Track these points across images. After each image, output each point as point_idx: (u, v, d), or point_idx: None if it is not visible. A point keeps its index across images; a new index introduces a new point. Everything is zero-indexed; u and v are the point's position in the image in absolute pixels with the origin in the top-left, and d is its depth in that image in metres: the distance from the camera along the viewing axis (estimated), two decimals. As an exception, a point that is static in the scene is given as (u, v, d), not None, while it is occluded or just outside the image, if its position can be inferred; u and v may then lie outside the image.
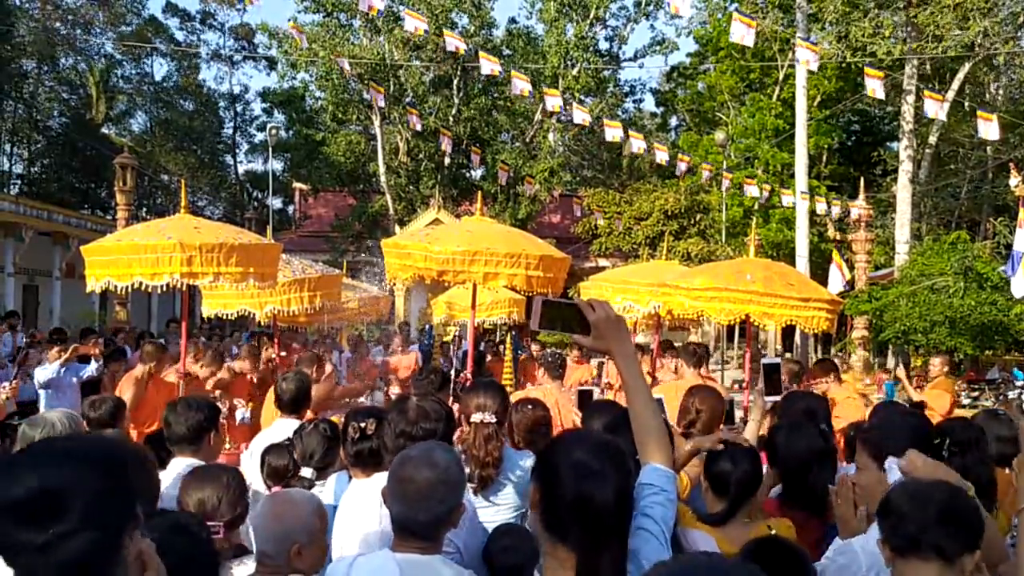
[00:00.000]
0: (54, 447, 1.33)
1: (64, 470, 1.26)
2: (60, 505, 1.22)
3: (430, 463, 2.12)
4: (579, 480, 1.71)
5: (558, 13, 26.53)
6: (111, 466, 1.31)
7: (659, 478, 1.89)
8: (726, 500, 2.78)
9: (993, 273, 14.76)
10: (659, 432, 1.95)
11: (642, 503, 1.83)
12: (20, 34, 31.88)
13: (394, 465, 2.16)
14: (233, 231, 6.50)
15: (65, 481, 1.25)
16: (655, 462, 1.91)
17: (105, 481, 1.28)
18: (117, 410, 4.34)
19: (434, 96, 26.82)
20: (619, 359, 1.96)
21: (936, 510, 2.03)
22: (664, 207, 27.40)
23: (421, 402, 2.98)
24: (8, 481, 1.25)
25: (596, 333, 1.93)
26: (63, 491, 1.23)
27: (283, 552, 2.34)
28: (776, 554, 2.42)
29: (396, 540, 2.14)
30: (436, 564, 2.10)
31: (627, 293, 8.39)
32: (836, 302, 7.07)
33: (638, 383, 1.98)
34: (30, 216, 19.79)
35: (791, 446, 3.14)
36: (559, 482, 1.73)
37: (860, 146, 29.99)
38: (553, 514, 1.73)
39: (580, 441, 1.85)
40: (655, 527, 1.81)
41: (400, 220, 26.29)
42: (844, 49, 19.13)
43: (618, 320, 1.96)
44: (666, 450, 1.95)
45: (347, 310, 10.84)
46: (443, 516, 2.12)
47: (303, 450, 3.55)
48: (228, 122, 44.62)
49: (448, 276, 6.33)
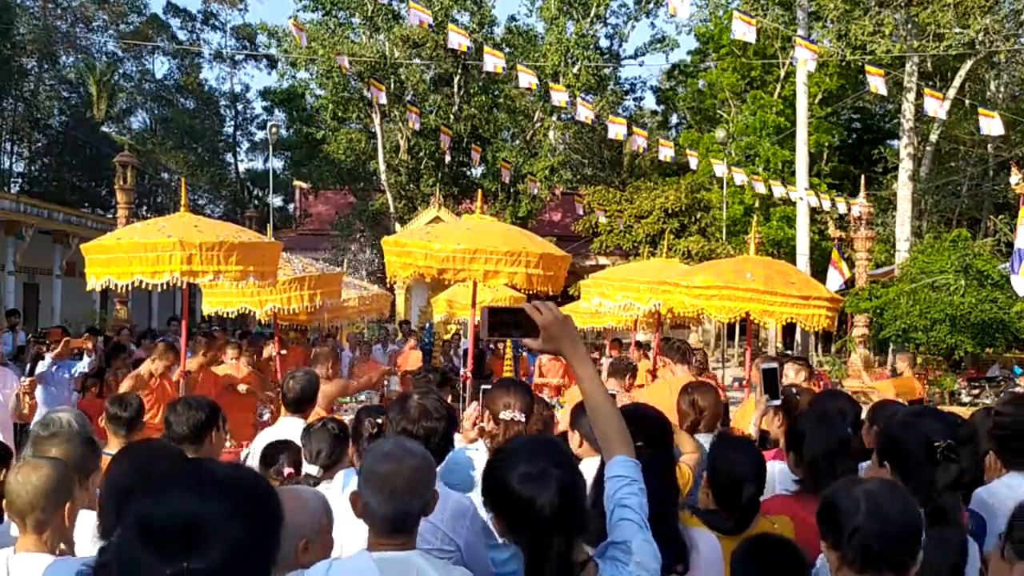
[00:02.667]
0: (215, 476, 1.23)
1: (220, 505, 1.17)
2: (202, 540, 1.14)
3: (411, 453, 2.11)
4: (520, 486, 1.87)
5: (558, 11, 26.51)
6: (267, 516, 1.23)
7: (628, 469, 1.97)
8: (734, 515, 2.77)
9: (994, 271, 14.75)
10: (619, 424, 2.02)
11: (617, 495, 1.93)
12: (21, 32, 31.87)
13: (372, 461, 2.11)
14: (233, 229, 6.50)
15: (217, 516, 1.16)
16: (620, 453, 1.98)
17: (255, 530, 1.20)
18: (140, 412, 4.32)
19: (434, 94, 26.81)
20: (571, 358, 2.03)
21: (898, 527, 1.94)
22: (665, 205, 27.39)
23: (422, 400, 2.98)
24: (154, 500, 1.17)
25: (545, 335, 1.97)
26: (211, 527, 1.15)
27: (290, 547, 2.34)
28: (773, 551, 2.43)
29: (373, 539, 2.09)
30: (415, 559, 2.06)
31: (628, 291, 8.38)
32: (837, 300, 7.08)
33: (593, 379, 2.04)
34: (30, 215, 19.78)
35: (818, 436, 3.11)
36: (506, 489, 1.89)
37: (861, 144, 29.97)
38: (505, 517, 1.92)
39: (521, 448, 2.01)
40: (635, 515, 1.91)
41: (401, 218, 26.28)
42: (845, 47, 19.11)
43: (565, 320, 2.01)
44: (629, 441, 2.02)
45: (347, 308, 10.83)
46: (429, 505, 2.11)
47: (310, 449, 3.55)
48: (228, 120, 44.63)
49: (448, 274, 6.34)
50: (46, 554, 2.40)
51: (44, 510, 2.41)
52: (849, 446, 3.16)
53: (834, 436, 3.14)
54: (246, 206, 40.10)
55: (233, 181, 43.95)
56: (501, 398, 3.29)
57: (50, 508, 2.42)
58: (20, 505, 2.41)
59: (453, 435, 3.09)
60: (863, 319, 17.17)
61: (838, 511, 1.99)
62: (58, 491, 2.44)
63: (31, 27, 32.99)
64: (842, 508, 1.99)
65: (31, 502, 2.40)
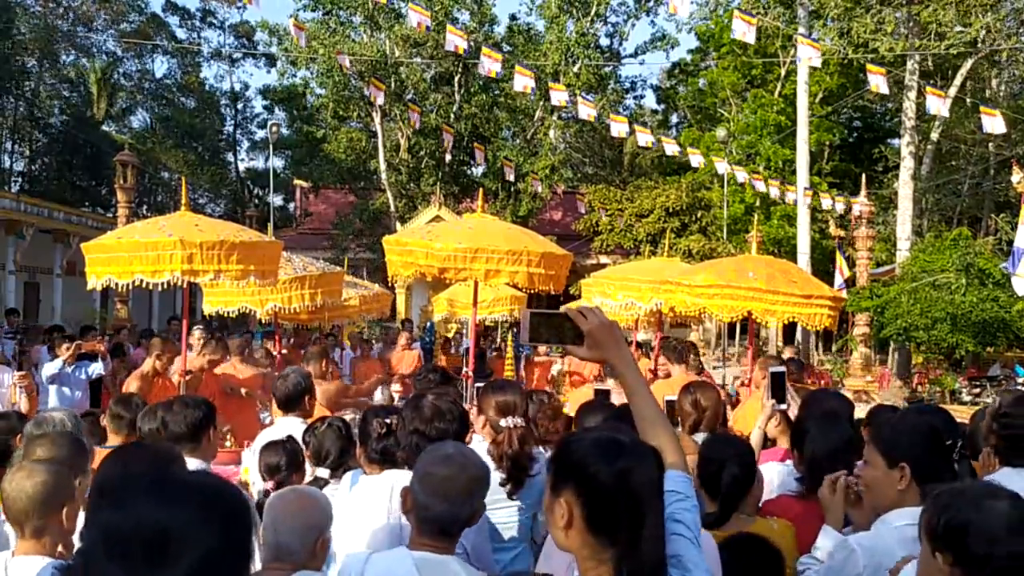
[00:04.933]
0: (184, 484, 1.19)
1: (186, 513, 1.11)
2: (168, 550, 1.08)
3: (472, 462, 2.16)
4: (614, 460, 1.57)
5: (559, 9, 26.48)
6: (235, 524, 1.17)
7: (682, 485, 1.80)
8: (717, 503, 2.79)
9: (995, 269, 14.74)
10: (672, 437, 1.88)
11: (670, 509, 1.73)
12: (21, 31, 31.85)
13: (431, 463, 2.12)
14: (234, 228, 6.48)
15: (185, 526, 1.10)
16: (674, 468, 1.82)
17: (224, 539, 1.13)
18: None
19: (435, 93, 26.78)
20: (619, 366, 1.87)
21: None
22: (665, 204, 27.35)
23: (436, 401, 2.95)
24: (119, 509, 1.11)
25: (590, 342, 1.84)
26: (178, 537, 1.09)
27: (308, 545, 2.36)
28: (751, 551, 2.42)
29: (416, 538, 2.12)
30: (452, 564, 2.09)
31: (629, 290, 8.36)
32: (838, 299, 7.06)
33: (643, 390, 1.89)
34: (31, 214, 19.78)
35: (822, 436, 3.11)
36: (595, 467, 1.58)
37: (862, 142, 29.95)
38: (597, 506, 1.57)
39: (593, 431, 1.77)
40: (689, 532, 1.73)
41: (401, 217, 26.27)
42: (846, 45, 19.09)
43: (612, 326, 1.87)
44: (681, 455, 1.86)
45: (348, 307, 10.79)
46: (476, 514, 2.15)
47: (317, 449, 3.53)
48: (229, 119, 44.58)
49: (450, 273, 6.32)
50: (44, 557, 2.38)
51: (40, 516, 2.39)
52: (853, 446, 3.15)
53: (837, 435, 3.13)
54: (246, 205, 40.08)
55: (233, 180, 43.91)
56: (498, 401, 3.22)
57: (46, 514, 2.40)
58: (16, 512, 2.41)
59: (465, 436, 3.07)
60: (864, 318, 17.16)
61: (970, 533, 1.84)
62: (53, 497, 2.42)
63: (31, 26, 32.96)
64: (978, 530, 1.84)
65: (25, 510, 2.39)
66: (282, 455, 3.51)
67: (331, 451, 3.50)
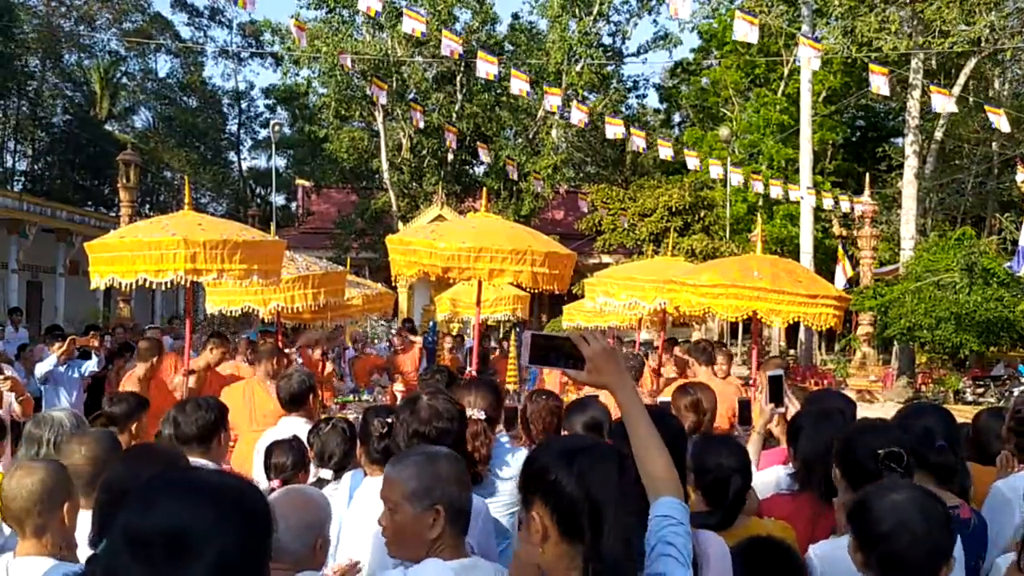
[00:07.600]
0: (203, 484, 1.20)
1: (206, 512, 1.13)
2: (191, 550, 1.10)
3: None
4: (571, 464, 1.69)
5: (561, 9, 26.45)
6: (255, 523, 1.19)
7: (676, 511, 1.83)
8: (720, 509, 2.75)
9: (999, 269, 14.70)
10: (668, 465, 1.87)
11: (661, 532, 1.78)
12: (24, 31, 31.86)
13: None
14: (237, 228, 6.47)
15: (205, 526, 1.12)
16: (668, 495, 1.84)
17: (245, 539, 1.15)
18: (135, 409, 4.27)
19: (437, 92, 26.77)
20: (619, 393, 1.89)
21: (924, 543, 1.96)
22: (668, 203, 27.29)
23: (432, 401, 2.92)
24: (140, 510, 1.12)
25: (591, 366, 1.87)
26: (199, 537, 1.11)
27: (308, 545, 2.35)
28: (769, 554, 2.40)
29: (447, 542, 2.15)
30: (482, 564, 2.11)
31: (633, 290, 8.33)
32: (844, 299, 7.02)
33: (642, 417, 1.89)
34: (34, 213, 19.78)
35: (817, 433, 3.08)
36: (555, 473, 1.69)
37: (865, 142, 29.90)
38: (564, 512, 1.67)
39: (556, 441, 1.94)
40: (679, 553, 1.77)
41: (403, 217, 26.26)
42: (850, 44, 19.04)
43: (612, 352, 1.91)
44: (677, 482, 1.87)
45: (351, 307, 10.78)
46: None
47: (321, 450, 3.52)
48: (232, 119, 44.63)
49: (453, 273, 6.28)
50: (47, 557, 2.36)
51: (40, 514, 2.37)
52: None
53: (830, 435, 3.11)
54: (249, 204, 40.11)
55: (236, 179, 43.96)
56: (465, 396, 3.28)
57: (47, 512, 2.38)
58: (16, 511, 2.38)
59: (465, 436, 3.05)
60: (868, 317, 17.13)
61: (869, 518, 2.00)
62: (54, 494, 2.40)
63: (34, 26, 32.99)
64: (873, 516, 1.99)
65: (26, 508, 2.36)
66: (289, 455, 3.50)
67: (335, 452, 3.49)
